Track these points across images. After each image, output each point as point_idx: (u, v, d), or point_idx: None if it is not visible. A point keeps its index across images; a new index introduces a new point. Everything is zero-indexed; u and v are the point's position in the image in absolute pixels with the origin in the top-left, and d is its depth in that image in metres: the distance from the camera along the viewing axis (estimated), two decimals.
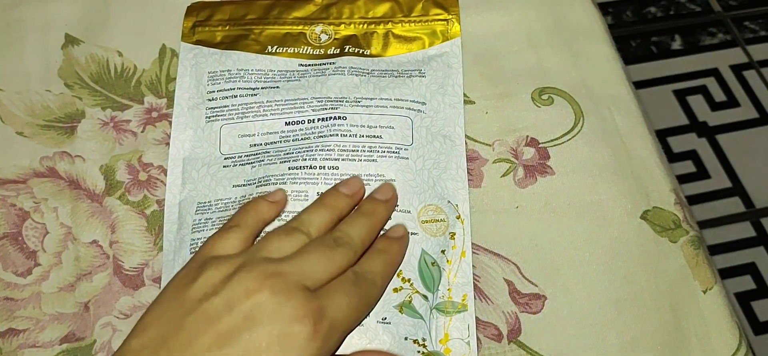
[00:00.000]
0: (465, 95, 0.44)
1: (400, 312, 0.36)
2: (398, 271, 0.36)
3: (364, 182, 0.38)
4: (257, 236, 0.35)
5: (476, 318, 0.37)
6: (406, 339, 0.35)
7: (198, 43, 0.44)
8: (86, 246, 0.39)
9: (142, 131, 0.42)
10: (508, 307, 0.38)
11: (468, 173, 0.41)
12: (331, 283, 0.32)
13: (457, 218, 0.39)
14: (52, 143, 0.42)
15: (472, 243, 0.39)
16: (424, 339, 0.35)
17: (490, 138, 0.43)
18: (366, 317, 0.35)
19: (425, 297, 0.36)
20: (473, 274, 0.38)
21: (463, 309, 0.37)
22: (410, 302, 0.36)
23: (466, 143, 0.41)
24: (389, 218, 0.37)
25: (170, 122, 0.42)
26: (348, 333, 0.33)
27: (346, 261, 0.33)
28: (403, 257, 0.36)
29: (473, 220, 0.40)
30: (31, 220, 0.39)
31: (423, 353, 0.35)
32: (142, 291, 0.38)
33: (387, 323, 0.35)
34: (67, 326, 0.37)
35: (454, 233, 0.38)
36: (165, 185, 0.40)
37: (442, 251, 0.37)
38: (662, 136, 1.18)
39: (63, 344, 0.36)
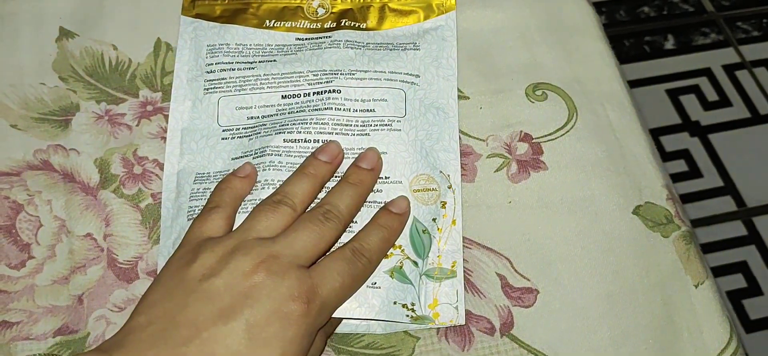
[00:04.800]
0: (459, 91, 0.44)
1: (390, 276, 0.36)
2: None
3: (357, 156, 0.39)
4: (236, 212, 0.37)
5: (468, 311, 0.37)
6: (395, 303, 0.36)
7: (198, 16, 0.44)
8: (80, 239, 0.39)
9: (136, 125, 0.42)
10: (501, 301, 0.38)
11: (461, 168, 0.41)
12: (326, 260, 0.34)
13: (449, 188, 0.39)
14: (47, 136, 0.41)
15: (465, 238, 0.39)
16: (412, 304, 0.36)
17: (483, 133, 0.43)
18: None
19: (415, 263, 0.37)
20: (465, 269, 0.38)
21: (452, 275, 0.37)
22: (401, 267, 0.37)
23: (459, 139, 0.42)
24: (374, 184, 0.38)
25: (165, 116, 0.42)
26: (339, 307, 0.35)
27: (336, 234, 0.35)
28: (402, 229, 0.37)
29: (466, 215, 0.40)
30: (25, 213, 0.39)
31: (412, 317, 0.36)
32: (136, 284, 0.38)
33: (377, 287, 0.36)
34: (60, 318, 0.37)
35: (445, 202, 0.39)
36: (160, 178, 0.40)
37: (433, 219, 0.38)
38: (655, 135, 1.19)
39: (56, 336, 0.36)
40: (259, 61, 0.43)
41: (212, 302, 0.31)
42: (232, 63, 0.43)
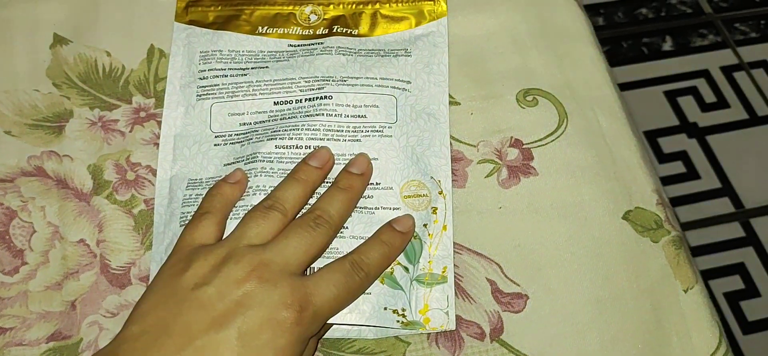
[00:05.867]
0: (450, 96, 0.44)
1: (381, 282, 0.37)
2: None
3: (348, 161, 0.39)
4: (227, 218, 0.37)
5: (459, 316, 0.38)
6: (385, 309, 0.36)
7: (191, 23, 0.45)
8: (73, 245, 0.39)
9: (130, 131, 0.42)
10: (491, 306, 0.38)
11: (452, 173, 0.41)
12: (324, 270, 0.34)
13: (439, 194, 0.40)
14: (40, 143, 0.42)
15: (455, 243, 0.39)
16: (403, 309, 0.37)
17: (474, 139, 0.43)
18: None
19: (406, 269, 0.37)
20: (456, 274, 0.39)
21: (443, 281, 0.38)
22: (391, 273, 0.37)
23: (450, 144, 0.42)
24: (365, 189, 0.39)
25: (158, 122, 0.42)
26: (332, 316, 0.35)
27: (327, 239, 0.35)
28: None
29: (456, 220, 0.40)
30: (19, 219, 0.39)
31: (402, 322, 0.36)
32: (129, 289, 0.38)
33: (367, 293, 0.36)
34: (53, 324, 0.37)
35: (436, 208, 0.39)
36: (153, 185, 0.41)
37: (424, 225, 0.39)
38: (652, 137, 1.19)
39: (49, 342, 0.36)
40: (252, 68, 0.43)
41: (205, 310, 0.31)
42: (225, 69, 0.43)
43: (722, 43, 1.30)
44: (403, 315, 0.36)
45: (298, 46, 0.44)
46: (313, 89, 0.42)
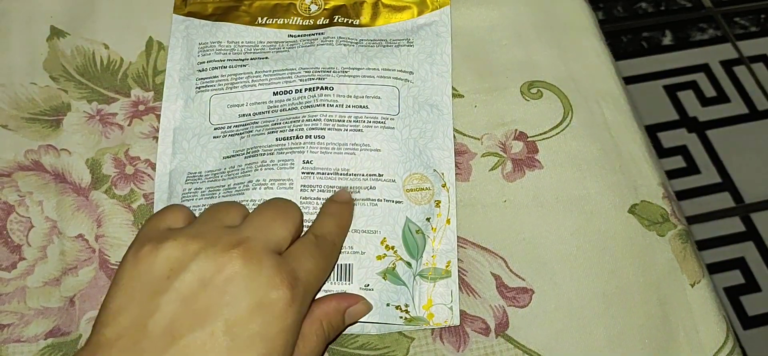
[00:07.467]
0: (454, 89, 0.44)
1: (383, 278, 0.36)
2: (382, 239, 0.37)
3: (350, 151, 0.39)
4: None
5: (463, 311, 0.37)
6: (388, 305, 0.36)
7: (189, 14, 0.44)
8: (72, 240, 0.38)
9: (128, 125, 0.42)
10: (496, 301, 0.38)
11: (456, 166, 0.41)
12: (293, 247, 0.32)
13: (443, 187, 0.39)
14: (38, 137, 0.41)
15: (460, 237, 0.39)
16: (406, 305, 0.36)
17: (478, 132, 0.43)
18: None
19: (409, 264, 0.37)
20: (460, 268, 0.38)
21: (447, 275, 0.37)
22: (393, 269, 0.37)
23: (454, 137, 0.41)
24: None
25: (157, 116, 0.42)
26: (318, 291, 0.33)
27: (299, 215, 0.33)
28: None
29: (461, 214, 0.39)
30: (16, 214, 0.39)
31: (405, 318, 0.36)
32: None
33: (370, 290, 0.36)
34: (52, 320, 0.36)
35: (440, 201, 0.39)
36: (152, 179, 0.40)
37: (427, 219, 0.38)
38: (652, 131, 1.19)
39: (48, 338, 0.36)
40: (251, 59, 0.42)
41: (186, 303, 0.28)
42: (224, 61, 0.42)
43: (722, 37, 1.30)
44: (407, 311, 0.36)
45: (299, 36, 0.43)
46: (313, 80, 0.41)
